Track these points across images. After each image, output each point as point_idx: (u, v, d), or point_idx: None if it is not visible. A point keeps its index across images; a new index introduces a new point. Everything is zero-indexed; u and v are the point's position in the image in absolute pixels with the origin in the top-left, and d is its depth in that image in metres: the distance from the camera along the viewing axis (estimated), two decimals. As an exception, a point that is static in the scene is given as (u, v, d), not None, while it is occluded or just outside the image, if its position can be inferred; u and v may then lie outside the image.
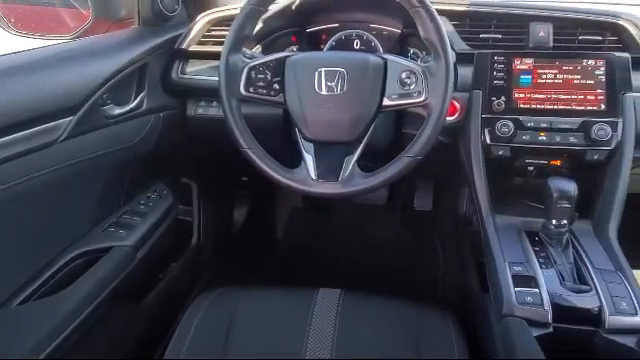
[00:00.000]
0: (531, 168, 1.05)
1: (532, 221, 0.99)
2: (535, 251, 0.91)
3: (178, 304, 0.97)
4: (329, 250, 1.74)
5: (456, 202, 1.43)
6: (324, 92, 0.88)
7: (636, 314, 0.78)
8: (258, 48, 1.19)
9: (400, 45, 1.19)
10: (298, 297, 1.02)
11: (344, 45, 1.23)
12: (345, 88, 0.87)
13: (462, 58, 1.04)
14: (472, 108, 1.01)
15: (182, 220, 1.33)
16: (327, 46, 1.24)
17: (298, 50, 1.22)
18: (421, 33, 0.86)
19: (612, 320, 0.78)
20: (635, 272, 1.60)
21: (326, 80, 0.88)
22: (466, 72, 1.03)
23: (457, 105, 1.03)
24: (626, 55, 0.97)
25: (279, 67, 0.91)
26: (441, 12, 1.07)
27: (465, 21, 1.08)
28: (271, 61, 0.91)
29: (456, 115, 1.03)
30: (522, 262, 0.89)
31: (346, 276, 1.43)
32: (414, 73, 0.87)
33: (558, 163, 1.01)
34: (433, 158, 1.09)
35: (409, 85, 0.87)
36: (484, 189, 1.00)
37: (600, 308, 0.79)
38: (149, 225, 1.07)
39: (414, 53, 1.16)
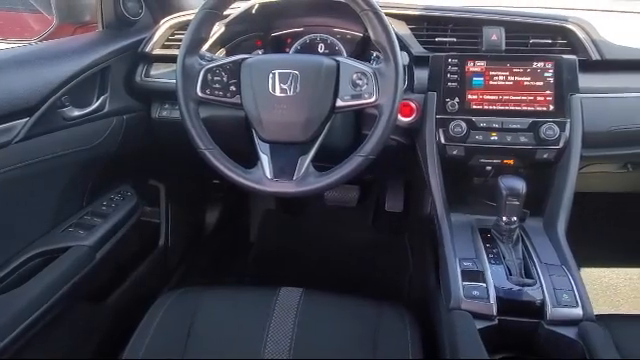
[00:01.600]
0: (489, 168, 1.07)
1: (486, 219, 1.01)
2: (486, 247, 0.94)
3: (144, 304, 0.97)
4: (301, 252, 1.75)
5: (423, 202, 1.46)
6: (278, 93, 0.90)
7: (577, 306, 0.81)
8: (222, 52, 1.21)
9: (362, 48, 1.22)
10: (260, 296, 1.03)
11: (309, 49, 1.26)
12: (298, 89, 0.90)
13: (419, 61, 1.07)
14: (427, 109, 1.03)
15: (149, 221, 1.34)
16: (292, 50, 1.26)
17: (263, 54, 1.24)
18: (371, 35, 0.89)
19: (554, 312, 0.81)
20: (592, 270, 1.65)
21: (280, 82, 0.90)
22: (423, 74, 1.06)
23: (413, 106, 1.05)
24: (573, 57, 1.01)
25: (235, 69, 0.93)
26: (399, 16, 1.12)
27: (422, 25, 1.11)
28: (227, 63, 0.94)
29: (412, 116, 1.06)
30: (472, 258, 0.91)
31: (316, 277, 1.45)
32: (365, 75, 0.89)
33: (511, 162, 1.04)
34: (399, 159, 1.12)
35: (360, 86, 0.90)
36: (439, 188, 1.02)
37: (543, 301, 0.82)
38: (110, 226, 1.07)
39: (377, 56, 1.19)
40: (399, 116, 1.06)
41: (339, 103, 0.91)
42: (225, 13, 1.13)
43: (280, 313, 0.97)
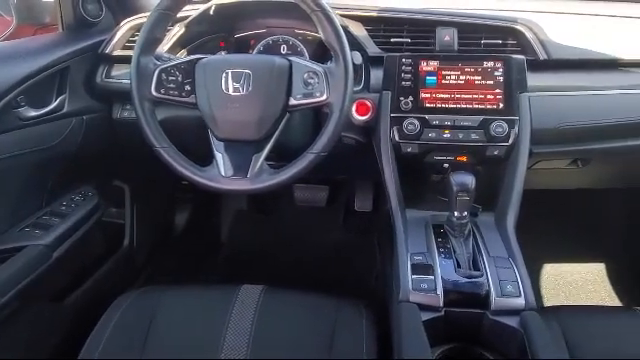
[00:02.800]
0: (446, 165, 1.10)
1: (440, 215, 1.04)
2: (438, 242, 0.97)
3: (106, 304, 0.98)
4: (272, 252, 1.77)
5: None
6: (231, 92, 0.92)
7: (520, 296, 0.84)
8: (184, 53, 1.22)
9: (323, 49, 1.24)
10: (220, 294, 1.04)
11: (271, 50, 1.27)
12: (251, 88, 0.92)
13: (375, 61, 1.10)
14: (382, 108, 1.06)
15: (113, 222, 1.34)
16: (255, 51, 1.28)
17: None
18: (321, 36, 0.91)
19: (498, 302, 0.83)
20: (553, 265, 1.69)
21: (232, 81, 0.92)
22: (379, 74, 1.08)
23: (369, 105, 1.08)
24: (522, 57, 1.04)
25: (190, 69, 0.95)
26: (355, 18, 1.14)
27: (378, 26, 1.13)
28: (182, 63, 0.95)
29: (368, 115, 1.08)
30: (423, 252, 0.93)
31: (287, 277, 1.46)
32: (316, 74, 0.92)
33: (464, 159, 1.07)
34: (367, 159, 1.14)
35: (312, 85, 0.92)
36: (394, 185, 1.05)
37: (488, 292, 0.85)
38: (69, 225, 1.07)
39: None
40: (355, 115, 1.08)
41: (292, 102, 0.93)
42: (185, 14, 1.16)
43: (239, 310, 0.98)
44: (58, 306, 1.13)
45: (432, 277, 0.87)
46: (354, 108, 1.08)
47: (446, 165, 1.09)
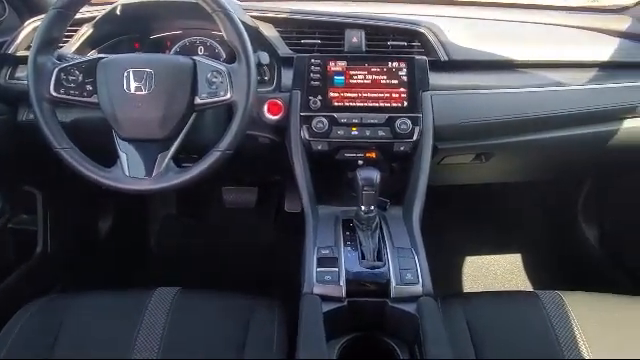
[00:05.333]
0: (361, 162, 1.14)
1: (350, 210, 1.07)
2: (345, 235, 1.00)
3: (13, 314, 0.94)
4: (202, 255, 1.75)
5: None
6: (132, 91, 0.91)
7: (418, 283, 0.88)
8: (94, 53, 1.19)
9: None
10: (133, 297, 1.03)
11: (188, 51, 1.27)
12: (153, 87, 0.91)
13: (286, 62, 1.12)
14: (292, 107, 1.08)
15: (24, 229, 1.29)
16: (172, 52, 1.27)
17: None
18: (224, 35, 0.93)
19: (397, 290, 0.87)
20: (472, 257, 1.77)
21: (134, 80, 0.91)
22: (290, 74, 1.11)
23: (280, 104, 1.10)
24: (424, 58, 1.10)
25: (91, 69, 0.93)
26: (267, 19, 1.16)
27: (289, 28, 1.16)
28: (83, 63, 0.94)
29: (280, 114, 1.10)
30: (330, 246, 0.96)
31: (218, 279, 1.45)
32: (220, 73, 0.93)
33: (373, 155, 1.11)
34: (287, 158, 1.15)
35: (216, 84, 0.93)
36: (304, 182, 1.07)
37: (388, 281, 0.88)
38: None
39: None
40: (267, 114, 1.10)
41: (197, 101, 0.94)
42: (93, 14, 1.14)
43: (151, 314, 0.97)
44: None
45: (336, 269, 0.90)
46: (266, 108, 1.10)
47: (360, 162, 1.13)
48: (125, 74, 0.91)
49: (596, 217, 1.70)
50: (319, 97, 1.08)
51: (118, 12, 1.10)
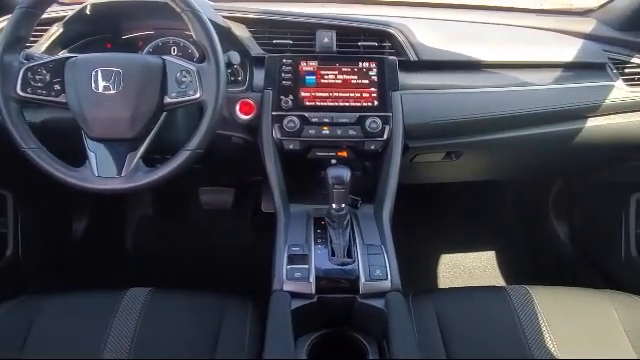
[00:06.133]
0: (334, 161, 1.15)
1: (322, 208, 1.08)
2: (316, 233, 1.01)
3: None
4: (179, 256, 1.74)
5: None
6: (101, 91, 0.91)
7: (386, 279, 0.90)
8: (64, 53, 1.18)
9: None
10: (105, 298, 1.02)
11: (161, 52, 1.26)
12: (121, 87, 0.91)
13: (258, 61, 1.13)
14: (264, 106, 1.09)
15: None
16: (144, 53, 1.27)
17: None
18: (193, 35, 0.93)
19: (366, 286, 0.89)
20: (449, 255, 1.80)
21: (102, 79, 0.91)
22: (262, 74, 1.12)
23: (252, 104, 1.11)
24: (394, 58, 1.12)
25: (59, 68, 0.93)
26: (239, 19, 1.17)
27: (261, 28, 1.17)
28: (50, 62, 0.93)
29: (252, 114, 1.11)
30: (301, 244, 0.97)
31: (195, 280, 1.44)
32: (189, 73, 0.93)
33: (345, 154, 1.12)
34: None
35: (185, 84, 0.93)
36: (276, 181, 1.08)
37: (358, 277, 0.90)
38: None
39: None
40: (240, 114, 1.11)
41: (167, 100, 0.94)
42: (63, 14, 1.13)
43: (123, 315, 0.97)
44: None
45: (306, 266, 0.91)
46: (238, 107, 1.11)
47: (334, 161, 1.14)
48: (93, 73, 0.91)
49: (567, 214, 1.74)
50: (290, 97, 1.09)
51: (88, 12, 1.10)
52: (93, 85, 0.91)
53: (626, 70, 1.21)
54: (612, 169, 1.45)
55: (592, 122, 1.21)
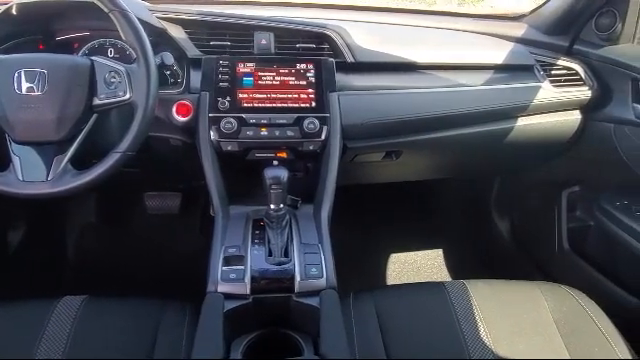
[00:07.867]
0: (276, 162, 1.15)
1: (261, 208, 1.08)
2: (255, 234, 1.01)
3: None
4: (125, 263, 1.70)
5: None
6: (24, 92, 0.88)
7: (322, 277, 0.90)
8: (-8, 54, 1.13)
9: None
10: (35, 307, 0.99)
11: (98, 53, 1.23)
12: (46, 88, 0.88)
13: (195, 63, 1.12)
14: (200, 108, 1.08)
15: None
16: (80, 54, 1.23)
17: None
18: (122, 35, 0.91)
19: (301, 284, 0.89)
20: (399, 254, 1.83)
21: (26, 81, 0.88)
22: (199, 76, 1.11)
23: (189, 105, 1.09)
24: (331, 60, 1.13)
25: None
26: (175, 20, 1.15)
27: (198, 30, 1.16)
28: None
29: (189, 115, 1.10)
30: (238, 245, 0.97)
31: (142, 287, 1.40)
32: (118, 73, 0.91)
33: (284, 155, 1.13)
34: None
35: (115, 85, 0.91)
36: (214, 183, 1.07)
37: (293, 276, 0.90)
38: None
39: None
40: (176, 116, 1.09)
41: (96, 102, 0.92)
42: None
43: (55, 324, 0.94)
44: None
45: (242, 267, 0.91)
46: (174, 109, 1.09)
47: (275, 162, 1.14)
48: (16, 75, 0.88)
49: (508, 212, 1.81)
50: (228, 98, 1.08)
51: (14, 12, 1.05)
52: (16, 86, 0.88)
53: (552, 72, 1.28)
54: (544, 167, 1.51)
55: (522, 121, 1.27)
